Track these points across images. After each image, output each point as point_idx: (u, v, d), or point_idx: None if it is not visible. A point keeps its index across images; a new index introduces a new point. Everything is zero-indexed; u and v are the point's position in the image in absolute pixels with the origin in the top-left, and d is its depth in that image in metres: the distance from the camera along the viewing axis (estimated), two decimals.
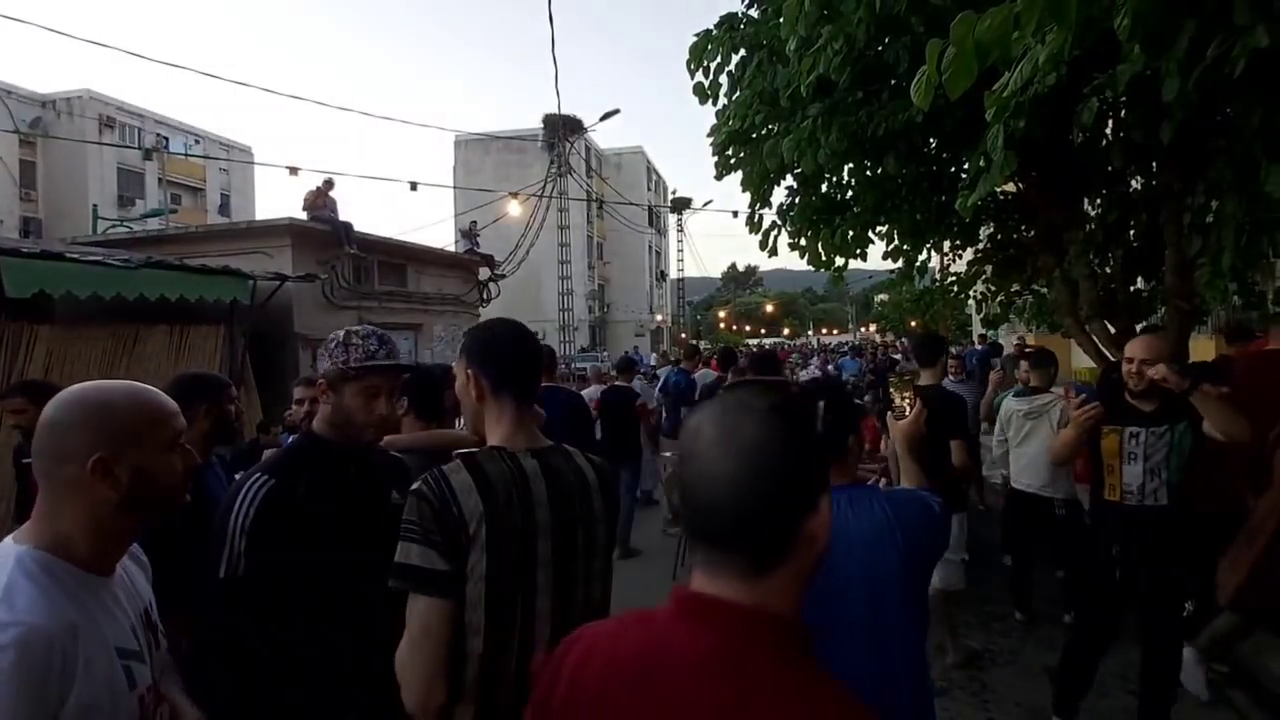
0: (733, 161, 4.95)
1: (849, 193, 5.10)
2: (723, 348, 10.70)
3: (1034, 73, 2.18)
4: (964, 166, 4.07)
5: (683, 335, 40.47)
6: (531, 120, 32.14)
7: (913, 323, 25.44)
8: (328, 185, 11.04)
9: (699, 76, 4.43)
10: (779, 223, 5.25)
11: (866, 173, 4.69)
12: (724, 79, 4.55)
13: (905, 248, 5.76)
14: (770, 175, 4.74)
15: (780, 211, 5.29)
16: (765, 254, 5.27)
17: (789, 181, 5.13)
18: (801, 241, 5.29)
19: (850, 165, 4.61)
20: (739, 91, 4.59)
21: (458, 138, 39.58)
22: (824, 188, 5.13)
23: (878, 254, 5.85)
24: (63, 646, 0.91)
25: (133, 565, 1.15)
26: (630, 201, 34.54)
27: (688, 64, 4.41)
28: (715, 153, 4.99)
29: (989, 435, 5.24)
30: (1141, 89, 2.81)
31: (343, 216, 10.93)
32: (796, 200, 5.23)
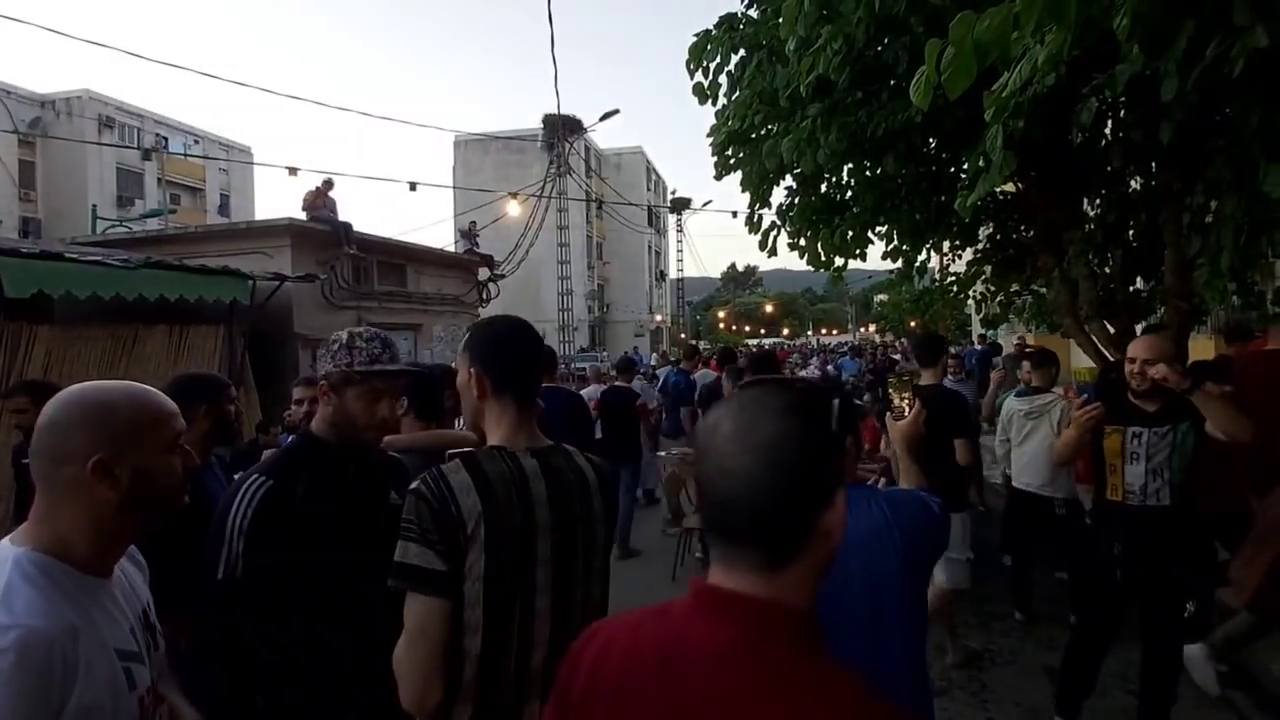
0: (732, 162, 4.96)
1: (848, 193, 5.11)
2: (722, 348, 10.71)
3: (1033, 73, 2.18)
4: (963, 166, 4.07)
5: (682, 335, 40.46)
6: (531, 120, 32.14)
7: (912, 323, 25.45)
8: (327, 185, 11.03)
9: (699, 77, 4.43)
10: (778, 223, 5.26)
11: (866, 173, 4.70)
12: (723, 79, 4.56)
13: (905, 248, 5.77)
14: (770, 175, 4.75)
15: (780, 211, 5.30)
16: (765, 254, 5.29)
17: (788, 182, 5.14)
18: (801, 242, 5.30)
19: (850, 165, 4.61)
20: (738, 92, 4.60)
21: (457, 138, 39.58)
22: (823, 188, 5.14)
23: (877, 254, 5.87)
24: (63, 649, 0.90)
25: (130, 566, 1.15)
26: (630, 202, 34.55)
27: (687, 64, 4.42)
28: (715, 153, 5.00)
29: (990, 435, 5.24)
30: (1141, 89, 2.82)
31: (342, 217, 10.92)
32: (796, 200, 5.23)
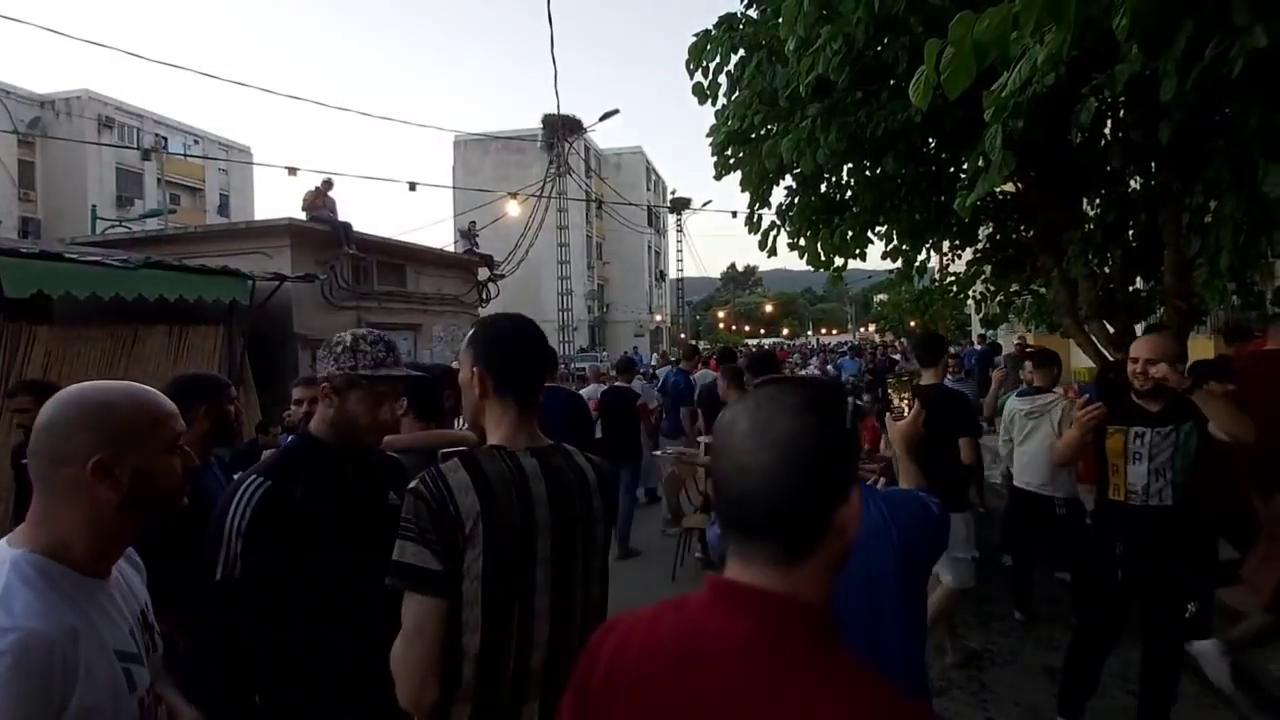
0: (732, 161, 4.96)
1: (848, 193, 5.11)
2: (722, 348, 10.71)
3: (1032, 73, 2.18)
4: (963, 166, 4.07)
5: (682, 335, 40.46)
6: (531, 120, 32.13)
7: (912, 323, 25.47)
8: (326, 185, 11.03)
9: (698, 76, 4.44)
10: (778, 223, 5.27)
11: (865, 173, 4.70)
12: (723, 79, 4.56)
13: (904, 248, 5.77)
14: (769, 175, 4.75)
15: (779, 211, 5.30)
16: (764, 254, 5.29)
17: (788, 181, 5.14)
18: (801, 241, 5.30)
19: (849, 165, 4.62)
20: (738, 91, 4.60)
21: (457, 138, 39.57)
22: (823, 188, 5.14)
23: (877, 254, 5.87)
24: (63, 651, 0.90)
25: (127, 567, 1.15)
26: (629, 202, 34.56)
27: (687, 64, 4.42)
28: (714, 153, 5.00)
29: (990, 436, 5.24)
30: (1140, 89, 2.82)
31: (342, 217, 10.92)
32: (796, 200, 5.23)
